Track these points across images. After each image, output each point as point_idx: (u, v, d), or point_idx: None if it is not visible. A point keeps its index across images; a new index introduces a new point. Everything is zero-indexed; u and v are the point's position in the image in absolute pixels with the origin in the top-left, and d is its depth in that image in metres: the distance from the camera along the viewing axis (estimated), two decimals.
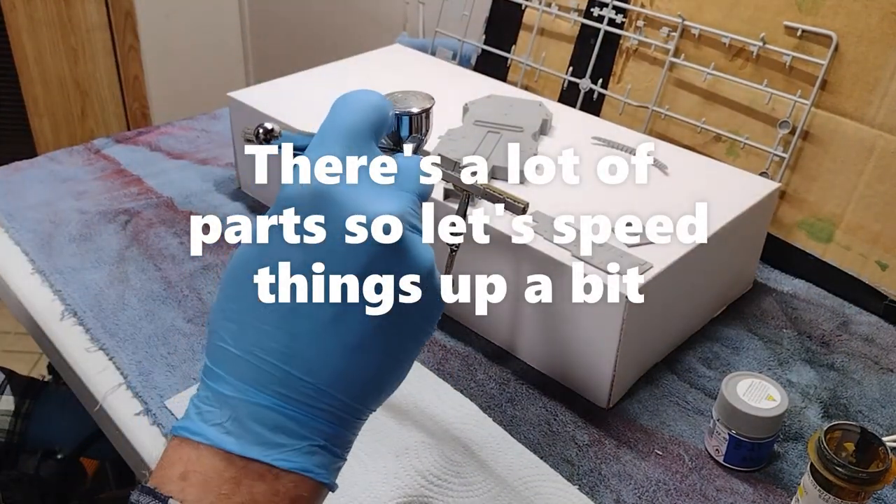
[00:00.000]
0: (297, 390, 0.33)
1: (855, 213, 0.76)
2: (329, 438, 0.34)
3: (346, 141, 0.35)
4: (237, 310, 0.34)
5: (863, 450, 0.50)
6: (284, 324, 0.33)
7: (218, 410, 0.33)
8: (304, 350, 0.33)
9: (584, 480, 0.57)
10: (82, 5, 2.04)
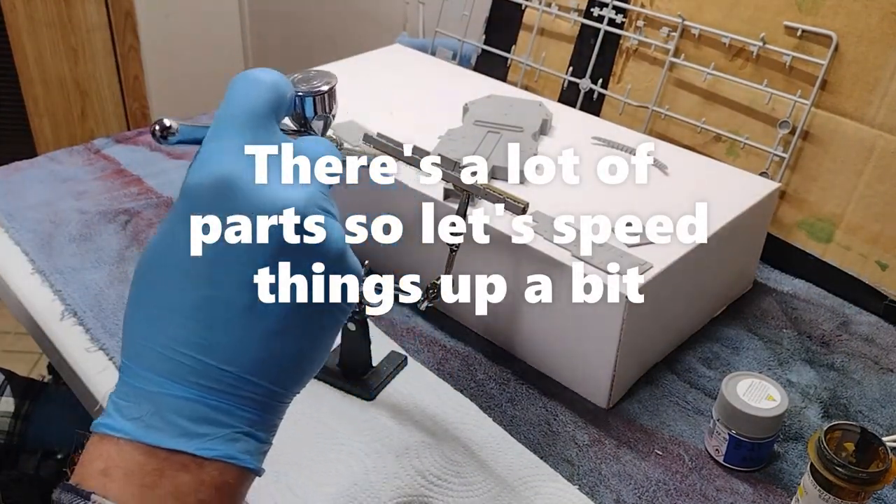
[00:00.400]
0: (217, 380, 0.32)
1: (855, 213, 0.76)
2: (253, 424, 0.34)
3: (246, 125, 0.34)
4: (150, 303, 0.33)
5: (863, 450, 0.50)
6: (199, 315, 0.32)
7: (136, 406, 0.32)
8: (221, 340, 0.32)
9: (584, 480, 0.57)
10: (82, 5, 2.04)
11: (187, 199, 0.33)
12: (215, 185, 0.32)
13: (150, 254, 0.34)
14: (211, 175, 0.33)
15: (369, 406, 0.62)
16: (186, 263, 0.33)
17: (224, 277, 0.32)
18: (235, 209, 0.32)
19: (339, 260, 0.35)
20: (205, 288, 0.32)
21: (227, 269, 0.32)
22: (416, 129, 0.79)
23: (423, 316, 0.73)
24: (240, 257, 0.33)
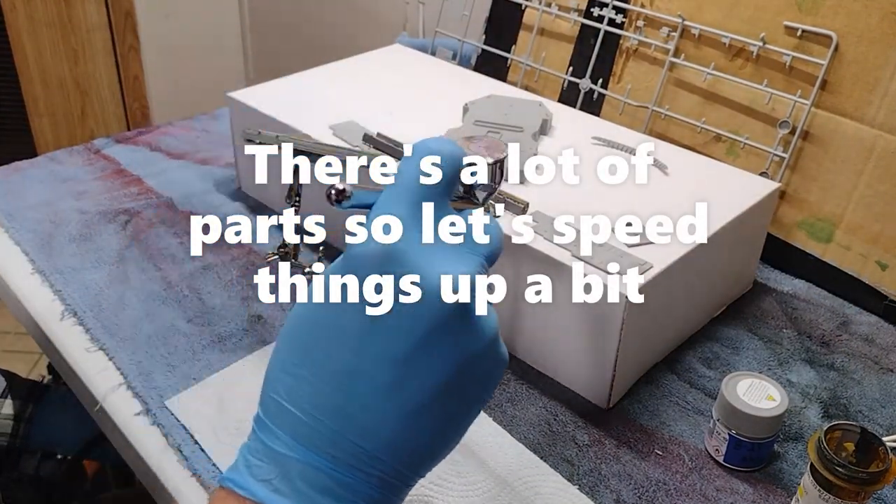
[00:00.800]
0: (348, 453, 0.32)
1: (855, 213, 0.76)
2: (374, 502, 0.33)
3: (418, 197, 0.34)
4: (296, 364, 0.33)
5: (863, 450, 0.50)
6: (343, 385, 0.32)
7: (267, 466, 0.33)
8: (360, 413, 0.32)
9: (584, 480, 0.57)
10: (82, 5, 2.04)
11: (350, 264, 0.33)
12: (380, 255, 0.32)
13: (305, 313, 0.34)
14: (373, 245, 0.32)
15: None
16: (338, 331, 0.33)
17: (372, 351, 0.32)
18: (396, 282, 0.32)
19: (489, 346, 0.34)
20: (351, 358, 0.32)
21: (377, 343, 0.32)
22: (416, 129, 0.79)
23: None
24: (392, 331, 0.32)
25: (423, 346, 0.32)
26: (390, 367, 0.32)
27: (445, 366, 0.33)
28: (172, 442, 0.59)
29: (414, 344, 0.32)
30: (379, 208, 0.34)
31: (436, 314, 0.32)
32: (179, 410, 0.62)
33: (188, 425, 0.60)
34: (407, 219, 0.33)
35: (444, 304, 0.32)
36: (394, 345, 0.32)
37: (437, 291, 0.32)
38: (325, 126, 0.79)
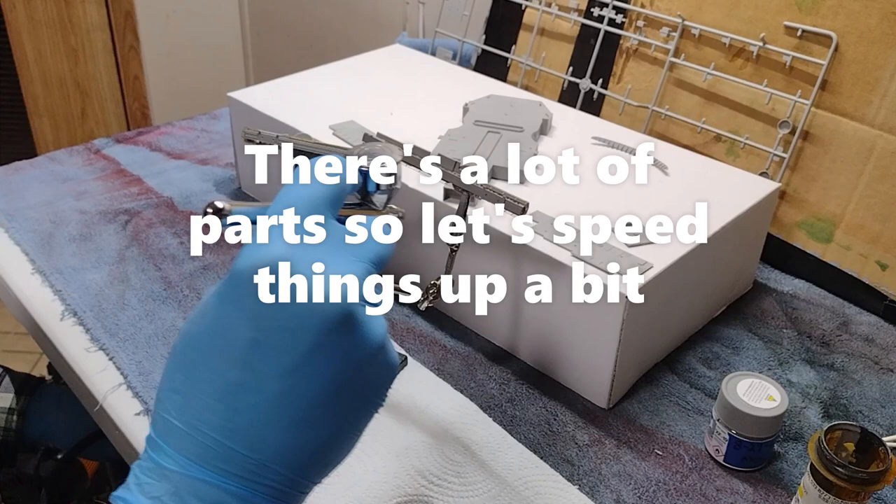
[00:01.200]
0: (239, 465, 0.32)
1: (855, 213, 0.76)
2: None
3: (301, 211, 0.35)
4: (183, 381, 0.34)
5: (863, 450, 0.50)
6: (229, 398, 0.32)
7: (157, 483, 0.32)
8: (247, 425, 0.32)
9: (584, 480, 0.57)
10: (82, 5, 2.04)
11: (233, 282, 0.33)
12: (263, 267, 0.33)
13: (191, 330, 0.34)
14: (259, 260, 0.33)
15: None
16: (224, 345, 0.33)
17: (259, 365, 0.32)
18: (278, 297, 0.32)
19: (376, 353, 0.35)
20: (238, 373, 0.32)
21: (263, 356, 0.32)
22: (416, 129, 0.79)
23: (423, 316, 0.73)
24: (277, 346, 0.32)
25: (309, 355, 0.32)
26: (277, 379, 0.32)
27: (333, 374, 0.33)
28: None
29: (299, 355, 0.32)
30: (262, 223, 0.35)
31: (319, 323, 0.32)
32: None
33: None
34: (289, 232, 0.34)
35: (327, 313, 0.32)
36: (279, 357, 0.32)
37: (321, 300, 0.32)
38: (325, 126, 0.79)
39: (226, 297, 0.33)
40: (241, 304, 0.33)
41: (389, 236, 0.38)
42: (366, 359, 0.34)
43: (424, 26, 1.23)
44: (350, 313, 0.33)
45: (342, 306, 0.33)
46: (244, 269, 0.33)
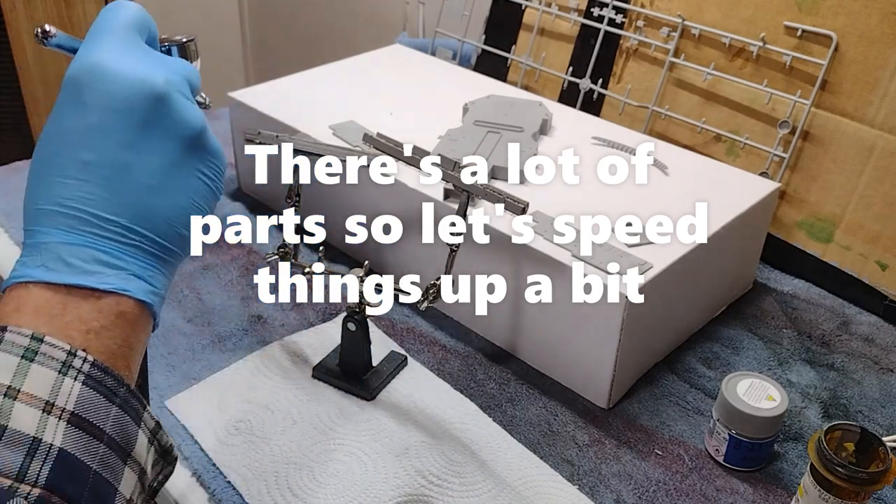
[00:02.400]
0: (105, 229, 0.38)
1: (855, 213, 0.76)
2: (142, 270, 0.39)
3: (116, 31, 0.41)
4: (45, 174, 0.40)
5: (863, 450, 0.50)
6: (86, 175, 0.38)
7: (38, 256, 0.38)
8: (105, 195, 0.38)
9: (584, 480, 0.57)
10: (82, 5, 2.04)
11: (68, 86, 0.39)
12: (91, 68, 0.39)
13: (43, 135, 0.40)
14: (87, 62, 0.39)
15: (369, 406, 0.62)
16: (72, 136, 0.39)
17: (103, 143, 0.38)
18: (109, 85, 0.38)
19: (200, 135, 0.41)
20: (88, 153, 0.38)
21: (105, 135, 0.38)
22: (416, 129, 0.79)
23: (423, 316, 0.73)
24: (112, 125, 0.38)
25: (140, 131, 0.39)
26: (121, 152, 0.39)
27: (164, 145, 0.40)
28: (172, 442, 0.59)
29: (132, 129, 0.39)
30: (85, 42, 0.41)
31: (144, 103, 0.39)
32: (179, 410, 0.62)
33: (188, 425, 0.60)
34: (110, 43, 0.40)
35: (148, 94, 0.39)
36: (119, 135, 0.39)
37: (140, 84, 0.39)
38: (325, 126, 0.79)
39: (65, 101, 0.39)
40: (77, 98, 0.39)
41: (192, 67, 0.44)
42: (190, 136, 0.40)
43: (424, 26, 1.23)
44: (167, 94, 0.39)
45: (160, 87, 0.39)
46: (75, 70, 0.39)
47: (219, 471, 0.57)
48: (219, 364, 0.66)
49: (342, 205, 0.78)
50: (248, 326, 0.71)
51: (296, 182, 0.63)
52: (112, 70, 0.39)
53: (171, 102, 0.40)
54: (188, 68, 0.43)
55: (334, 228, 0.78)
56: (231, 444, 0.59)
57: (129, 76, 0.39)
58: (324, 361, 0.66)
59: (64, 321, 0.37)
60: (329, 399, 0.63)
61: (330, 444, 0.59)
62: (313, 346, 0.68)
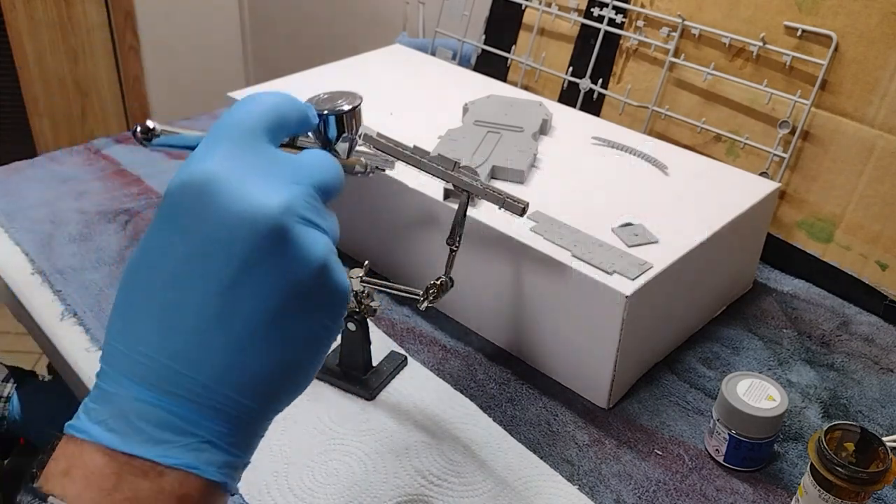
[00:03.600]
0: (182, 386, 0.32)
1: (855, 213, 0.76)
2: (220, 436, 0.33)
3: (236, 136, 0.34)
4: (125, 307, 0.33)
5: (863, 450, 0.50)
6: (168, 319, 0.32)
7: (103, 407, 0.32)
8: (186, 345, 0.32)
9: (584, 480, 0.57)
10: (82, 5, 2.04)
11: (167, 200, 0.33)
12: (193, 186, 0.32)
13: (134, 257, 0.34)
14: (190, 177, 0.32)
15: (369, 406, 0.62)
16: (161, 265, 0.32)
17: (194, 282, 0.32)
18: (210, 211, 0.32)
19: (318, 273, 0.33)
20: (175, 292, 0.32)
21: (197, 273, 0.32)
22: (416, 129, 0.79)
23: (423, 316, 0.73)
24: (210, 262, 0.32)
25: (243, 273, 0.32)
26: (212, 296, 0.32)
27: (270, 293, 0.32)
28: None
29: (232, 270, 0.32)
30: (199, 147, 0.34)
31: (250, 239, 0.31)
32: None
33: None
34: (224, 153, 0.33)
35: (257, 229, 0.31)
36: (212, 273, 0.32)
37: (250, 215, 0.31)
38: None
39: (160, 217, 0.33)
40: (173, 221, 0.32)
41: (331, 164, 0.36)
42: (305, 278, 0.33)
43: (424, 26, 1.23)
44: (281, 226, 0.32)
45: (272, 218, 0.31)
46: (175, 186, 0.32)
47: None
48: None
49: (342, 204, 0.78)
50: None
51: None
52: (219, 191, 0.32)
53: (287, 236, 0.32)
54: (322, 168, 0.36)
55: None
56: None
57: (238, 200, 0.31)
58: (324, 361, 0.65)
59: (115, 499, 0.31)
60: (329, 399, 0.63)
61: (330, 444, 0.59)
62: None
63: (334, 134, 0.41)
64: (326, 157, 0.37)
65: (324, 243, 0.34)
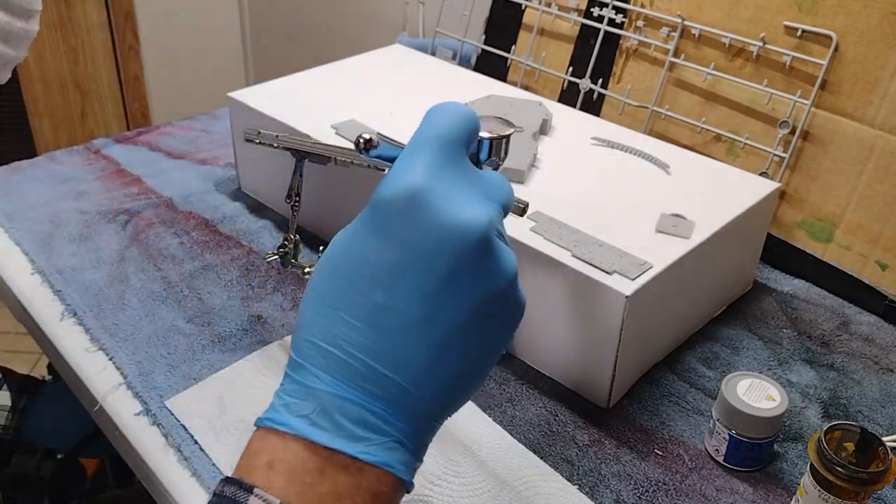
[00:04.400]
0: (381, 387, 0.34)
1: (855, 213, 0.76)
2: (409, 437, 0.35)
3: (439, 148, 0.36)
4: (329, 306, 0.35)
5: (863, 450, 0.50)
6: (374, 320, 0.34)
7: (304, 402, 0.34)
8: (391, 347, 0.34)
9: (584, 480, 0.57)
10: (82, 5, 2.04)
11: (377, 209, 0.35)
12: (404, 198, 0.34)
13: (335, 255, 0.36)
14: (401, 189, 0.34)
15: None
16: (368, 270, 0.34)
17: (402, 287, 0.34)
18: (421, 222, 0.34)
19: (509, 286, 0.36)
20: (382, 295, 0.34)
21: (406, 279, 0.34)
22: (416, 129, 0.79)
23: None
24: (419, 269, 0.34)
25: (449, 281, 0.34)
26: (419, 302, 0.34)
27: (469, 301, 0.34)
28: (172, 442, 0.59)
29: (439, 278, 0.33)
30: (403, 157, 0.36)
31: (459, 250, 0.33)
32: (179, 410, 0.62)
33: (188, 425, 0.60)
34: (430, 165, 0.35)
35: (466, 241, 0.33)
36: (421, 280, 0.34)
37: (461, 228, 0.33)
38: (326, 126, 0.79)
39: (368, 225, 0.35)
40: (382, 230, 0.34)
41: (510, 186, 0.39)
42: (500, 289, 0.35)
43: (424, 26, 1.23)
44: (487, 239, 0.34)
45: (479, 231, 0.34)
46: (385, 197, 0.34)
47: (219, 471, 0.57)
48: (219, 364, 0.66)
49: (342, 204, 0.78)
50: (248, 326, 0.71)
51: (295, 182, 0.64)
52: (431, 203, 0.34)
53: (490, 248, 0.34)
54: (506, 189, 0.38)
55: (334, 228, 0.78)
56: (231, 444, 0.59)
57: (450, 215, 0.34)
58: None
59: (318, 492, 0.32)
60: None
61: None
62: None
63: (485, 156, 0.42)
64: (506, 179, 0.39)
65: (513, 258, 0.36)
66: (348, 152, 0.61)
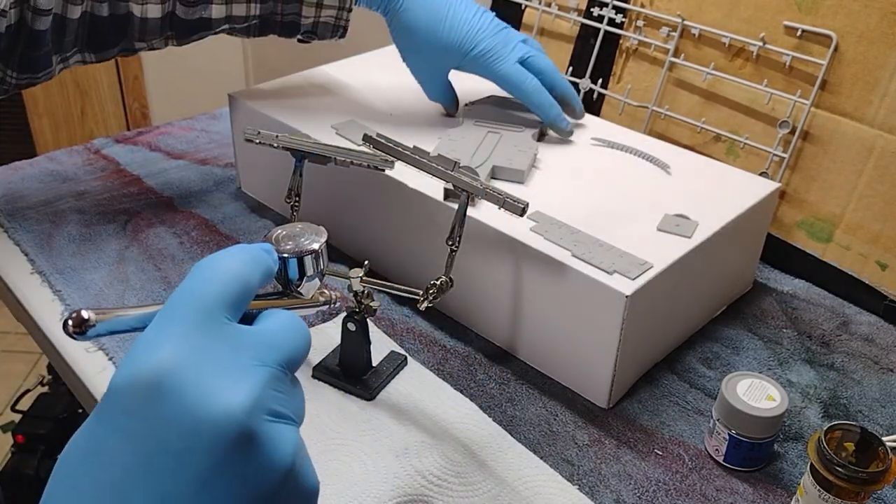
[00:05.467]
0: None
1: (855, 213, 0.76)
2: None
3: (191, 319, 0.30)
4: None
5: (863, 450, 0.50)
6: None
7: None
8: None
9: (584, 480, 0.57)
10: None
11: (109, 398, 0.29)
12: (141, 384, 0.28)
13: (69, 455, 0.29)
14: (141, 372, 0.28)
15: (369, 406, 0.62)
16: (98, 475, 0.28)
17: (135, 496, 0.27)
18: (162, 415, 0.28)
19: (285, 479, 0.30)
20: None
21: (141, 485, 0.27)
22: (416, 129, 0.79)
23: (423, 316, 0.73)
24: (157, 474, 0.27)
25: (198, 485, 0.27)
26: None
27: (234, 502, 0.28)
28: None
29: (185, 484, 0.27)
30: (150, 330, 0.30)
31: (209, 444, 0.27)
32: None
33: None
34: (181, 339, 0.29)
35: (218, 436, 0.28)
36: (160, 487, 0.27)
37: (210, 421, 0.28)
38: (326, 126, 0.79)
39: (102, 416, 0.29)
40: (117, 424, 0.28)
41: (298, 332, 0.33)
42: (270, 488, 0.29)
43: None
44: (248, 431, 0.28)
45: (237, 424, 0.28)
46: (120, 384, 0.28)
47: None
48: None
49: (342, 204, 0.78)
50: None
51: (295, 182, 0.64)
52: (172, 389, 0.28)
53: (253, 440, 0.28)
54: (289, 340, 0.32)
55: (334, 228, 0.78)
56: None
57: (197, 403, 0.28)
58: (324, 361, 0.66)
59: None
60: (329, 399, 0.63)
61: (330, 444, 0.59)
62: (313, 347, 0.68)
63: (295, 275, 0.38)
64: (291, 322, 0.33)
65: (292, 442, 0.30)
66: (348, 152, 0.61)
